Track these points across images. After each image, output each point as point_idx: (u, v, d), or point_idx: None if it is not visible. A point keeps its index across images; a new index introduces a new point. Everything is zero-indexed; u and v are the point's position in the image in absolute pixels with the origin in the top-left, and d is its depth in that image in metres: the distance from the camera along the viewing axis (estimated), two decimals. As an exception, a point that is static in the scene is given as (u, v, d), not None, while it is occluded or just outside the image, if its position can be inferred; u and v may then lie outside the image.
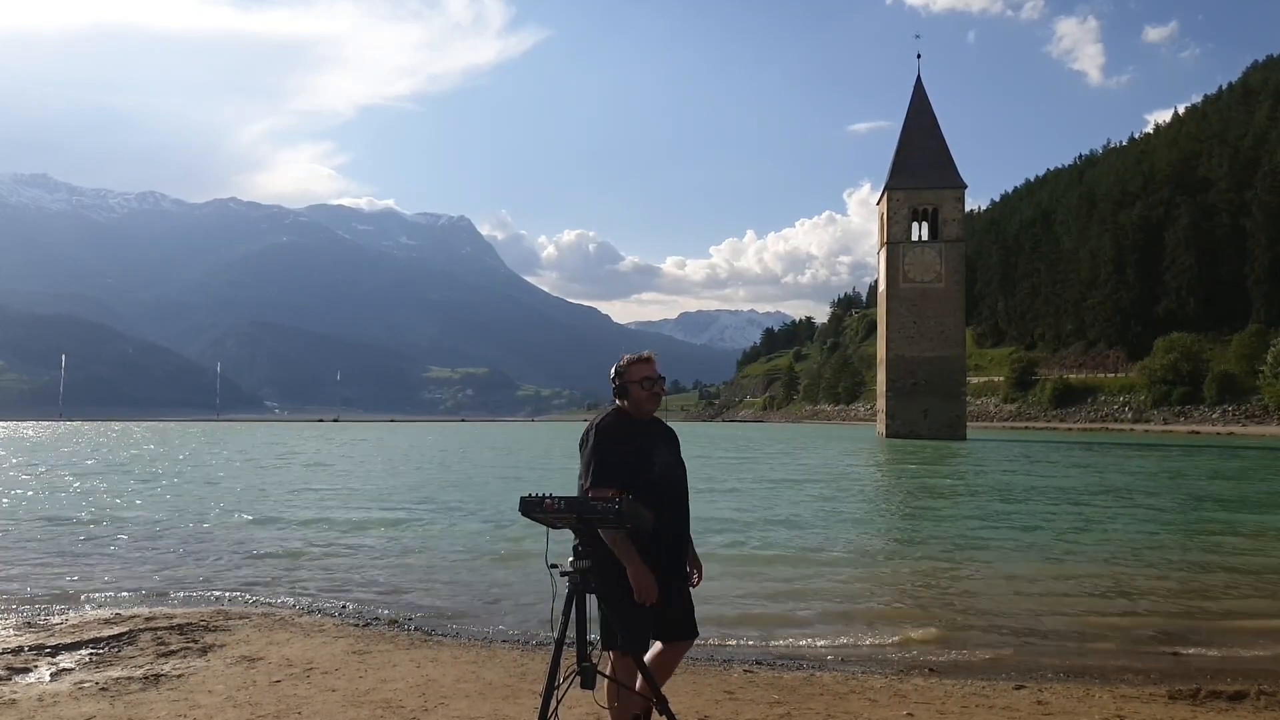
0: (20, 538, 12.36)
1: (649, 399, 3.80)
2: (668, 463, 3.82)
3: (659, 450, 3.81)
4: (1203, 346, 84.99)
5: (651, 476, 3.72)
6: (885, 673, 5.96)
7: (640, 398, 3.79)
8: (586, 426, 3.81)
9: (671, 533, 3.75)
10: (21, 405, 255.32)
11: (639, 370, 3.80)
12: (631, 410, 3.81)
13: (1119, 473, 27.60)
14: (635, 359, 3.85)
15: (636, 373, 3.80)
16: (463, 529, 13.38)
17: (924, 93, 65.75)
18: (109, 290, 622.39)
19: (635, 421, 3.82)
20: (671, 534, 3.76)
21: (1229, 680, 5.67)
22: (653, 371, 3.82)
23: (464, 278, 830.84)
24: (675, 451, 3.91)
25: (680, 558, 3.82)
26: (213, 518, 14.76)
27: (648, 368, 3.82)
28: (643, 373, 3.79)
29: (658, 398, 3.82)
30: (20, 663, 5.84)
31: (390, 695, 5.19)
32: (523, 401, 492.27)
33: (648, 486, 3.64)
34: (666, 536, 3.72)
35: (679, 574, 3.80)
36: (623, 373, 3.80)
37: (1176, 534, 13.09)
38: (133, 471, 27.22)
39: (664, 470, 3.80)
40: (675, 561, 3.79)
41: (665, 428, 3.93)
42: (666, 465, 3.82)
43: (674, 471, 3.84)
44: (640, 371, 3.80)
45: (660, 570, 3.64)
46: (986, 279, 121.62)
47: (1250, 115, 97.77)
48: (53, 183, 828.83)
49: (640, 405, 3.80)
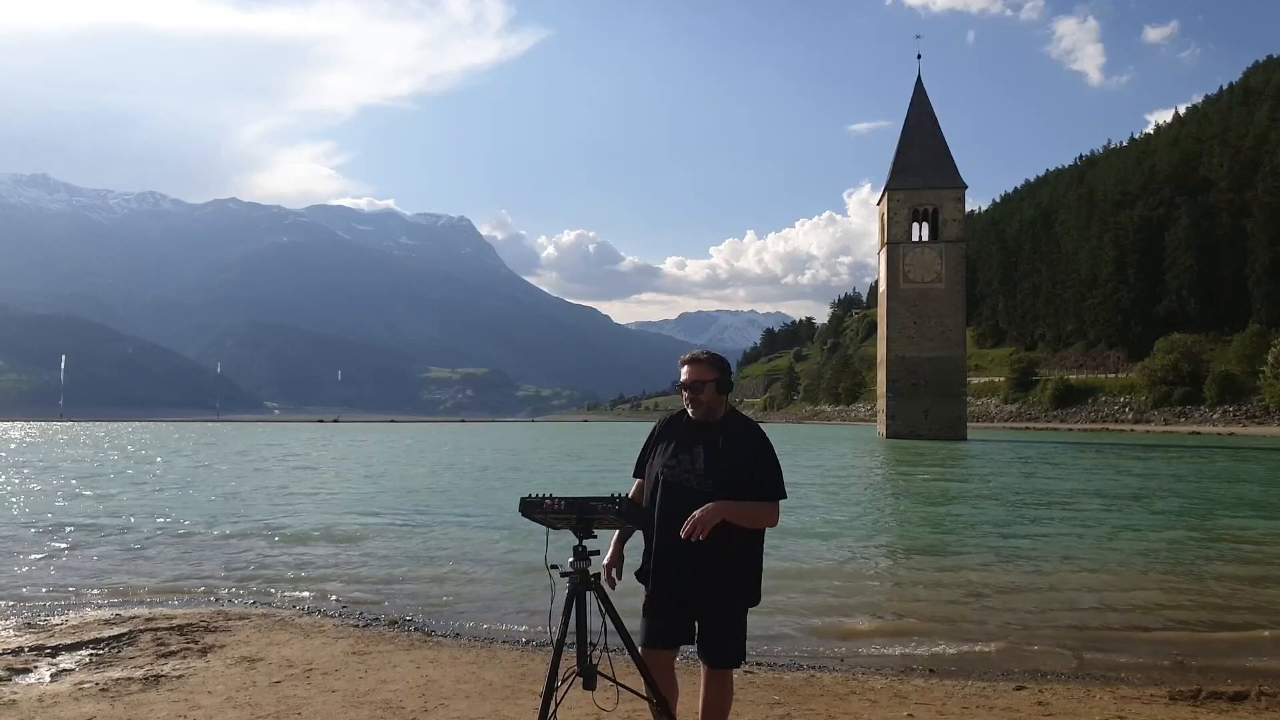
0: (20, 538, 12.35)
1: (687, 403, 3.66)
2: (685, 466, 3.56)
3: (686, 453, 3.58)
4: (1203, 347, 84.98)
5: (655, 477, 3.65)
6: (885, 673, 5.96)
7: (684, 400, 3.71)
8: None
9: (662, 540, 3.51)
10: (21, 405, 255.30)
11: (682, 373, 3.69)
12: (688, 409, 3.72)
13: (1124, 474, 27.57)
14: (682, 360, 3.73)
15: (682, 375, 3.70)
16: (463, 529, 13.38)
17: (924, 93, 65.75)
18: (109, 290, 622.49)
19: (683, 421, 3.70)
20: (662, 542, 3.52)
21: (1229, 681, 5.67)
22: (687, 377, 3.63)
23: (464, 278, 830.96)
24: (718, 456, 3.54)
25: (679, 566, 3.49)
26: (213, 518, 14.75)
27: (684, 372, 3.66)
28: (682, 377, 3.67)
29: (693, 403, 3.63)
30: (20, 663, 5.83)
31: (390, 696, 5.18)
32: (523, 402, 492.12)
33: (652, 487, 3.65)
34: (653, 540, 3.56)
35: (676, 582, 3.51)
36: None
37: (1177, 535, 13.08)
38: (131, 473, 27.20)
39: (670, 474, 3.59)
40: (672, 568, 3.51)
41: (727, 429, 3.61)
42: (677, 468, 3.58)
43: (683, 476, 3.55)
44: (682, 375, 3.68)
45: (649, 573, 3.59)
46: (987, 279, 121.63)
47: (1250, 115, 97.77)
48: (53, 183, 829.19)
49: (691, 413, 3.68)
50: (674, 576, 3.51)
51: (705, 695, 3.63)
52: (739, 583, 3.55)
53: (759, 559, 3.62)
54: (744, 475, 3.48)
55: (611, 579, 3.64)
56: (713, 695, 3.62)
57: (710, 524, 3.33)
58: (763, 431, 3.64)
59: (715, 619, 3.55)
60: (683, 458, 3.57)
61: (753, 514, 3.47)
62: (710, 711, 3.64)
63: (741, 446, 3.55)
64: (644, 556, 3.63)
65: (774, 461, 3.57)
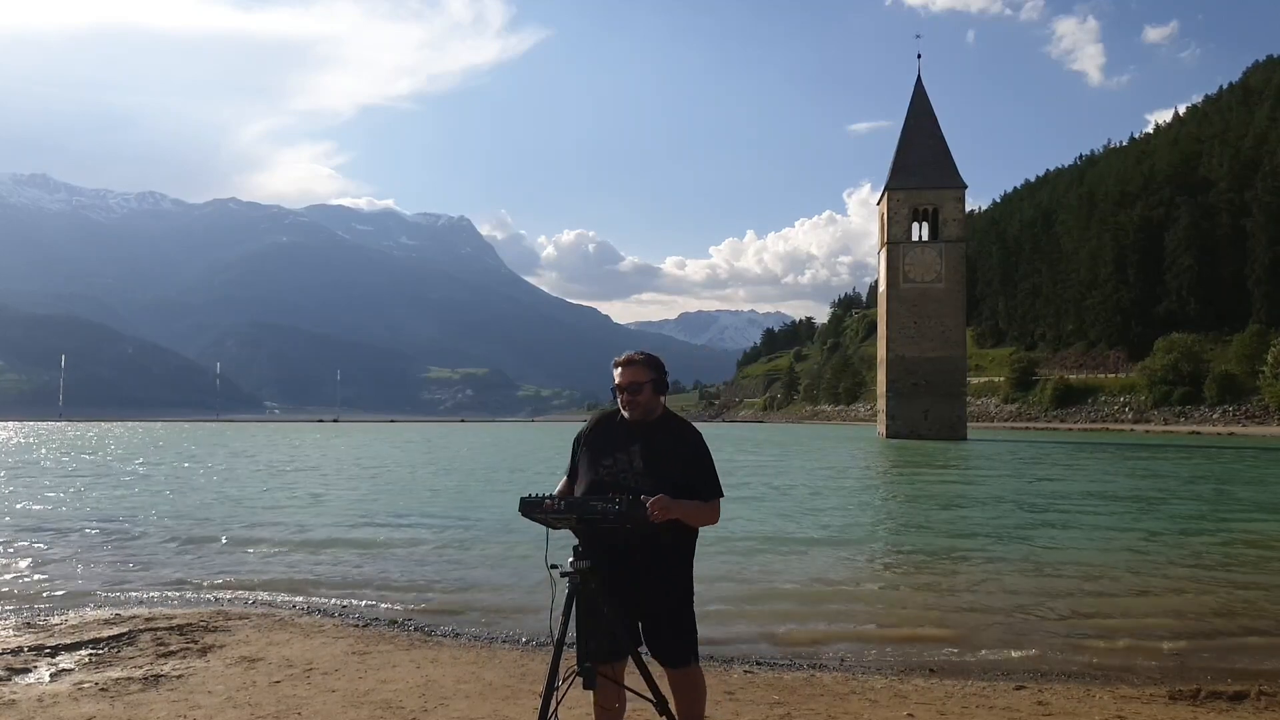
0: (20, 538, 12.34)
1: (624, 405, 3.58)
2: (623, 466, 3.50)
3: (623, 452, 3.53)
4: (1203, 347, 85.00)
5: (590, 479, 3.55)
6: (886, 673, 5.96)
7: (620, 403, 3.63)
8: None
9: (601, 546, 3.36)
10: (21, 405, 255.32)
11: (616, 375, 3.60)
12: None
13: (1124, 475, 27.58)
14: (616, 362, 3.63)
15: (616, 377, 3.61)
16: (463, 529, 13.36)
17: (924, 93, 65.78)
18: (109, 290, 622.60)
19: (616, 421, 3.63)
20: (601, 547, 3.36)
21: (1229, 681, 5.67)
22: (623, 379, 3.54)
23: (464, 278, 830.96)
24: (656, 455, 3.49)
25: (623, 578, 3.42)
26: (213, 519, 14.75)
27: (620, 374, 3.57)
28: (616, 379, 3.58)
29: (631, 404, 3.56)
30: (20, 663, 5.83)
31: (390, 696, 5.18)
32: (523, 402, 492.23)
33: (588, 489, 3.53)
34: (596, 549, 3.37)
35: (617, 593, 3.39)
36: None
37: (1177, 535, 13.08)
38: (131, 473, 27.20)
39: (608, 474, 3.51)
40: (614, 579, 3.40)
41: (663, 429, 3.59)
42: (614, 468, 3.51)
43: (621, 476, 3.48)
44: (617, 377, 3.59)
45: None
46: (987, 279, 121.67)
47: (1250, 115, 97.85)
48: (53, 183, 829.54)
49: (622, 409, 3.63)
50: (620, 579, 3.43)
51: (675, 698, 3.61)
52: (682, 579, 3.57)
53: (691, 557, 3.65)
54: (683, 474, 3.47)
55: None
56: (683, 694, 3.61)
57: (671, 510, 3.31)
58: (698, 431, 3.64)
59: (664, 618, 3.53)
60: (619, 458, 3.53)
61: (698, 512, 3.46)
62: (687, 711, 3.62)
63: (679, 446, 3.54)
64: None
65: (710, 461, 3.57)
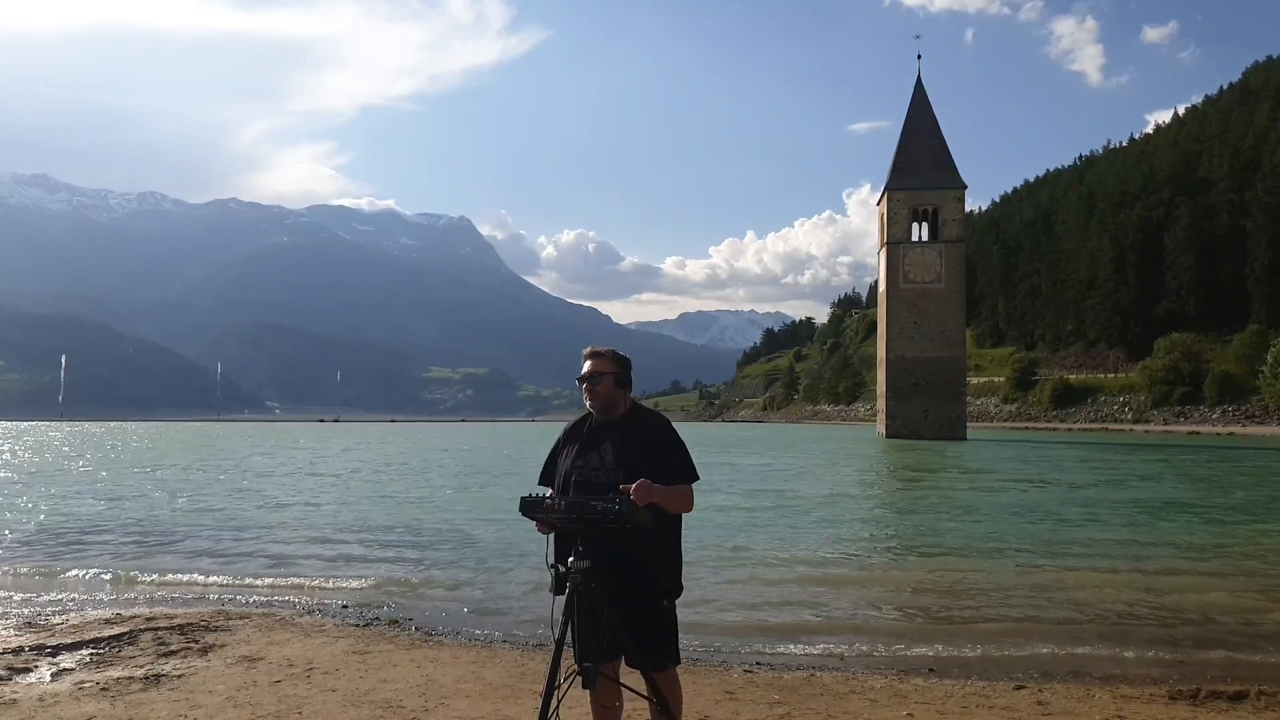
0: (20, 539, 12.35)
1: (586, 395, 3.58)
2: (594, 464, 3.50)
3: (594, 451, 3.53)
4: (1203, 347, 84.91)
5: (564, 479, 3.55)
6: (885, 673, 5.96)
7: (583, 394, 3.60)
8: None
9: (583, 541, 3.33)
10: (21, 405, 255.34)
11: (583, 368, 3.59)
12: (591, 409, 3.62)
13: (1124, 475, 27.57)
14: (584, 354, 3.63)
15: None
16: (462, 529, 13.38)
17: (924, 93, 65.76)
18: (109, 290, 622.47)
19: (588, 423, 3.62)
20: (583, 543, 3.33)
21: (1229, 680, 5.68)
22: (586, 370, 3.56)
23: (464, 278, 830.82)
24: (626, 449, 3.47)
25: (621, 577, 3.38)
26: (213, 519, 14.76)
27: (584, 366, 3.58)
28: (581, 371, 3.58)
29: (590, 394, 3.56)
30: (21, 663, 5.84)
31: (390, 695, 5.19)
32: (523, 402, 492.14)
33: (563, 490, 3.54)
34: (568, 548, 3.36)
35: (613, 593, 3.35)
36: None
37: (1177, 535, 13.09)
38: (131, 473, 27.20)
39: (580, 474, 3.51)
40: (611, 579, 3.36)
41: (632, 422, 3.57)
42: (586, 467, 3.51)
43: (593, 474, 3.47)
44: (583, 369, 3.58)
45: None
46: (986, 279, 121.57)
47: (1250, 115, 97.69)
48: (53, 183, 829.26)
49: (589, 405, 3.61)
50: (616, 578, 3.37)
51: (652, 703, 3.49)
52: (661, 574, 3.51)
53: (678, 549, 3.60)
54: (653, 463, 3.44)
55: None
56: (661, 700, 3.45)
57: (653, 494, 3.29)
58: (666, 420, 3.65)
59: (642, 616, 3.43)
60: (590, 456, 3.54)
61: (674, 497, 3.44)
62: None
63: (648, 436, 3.53)
64: (556, 564, 3.42)
65: (682, 446, 3.55)
